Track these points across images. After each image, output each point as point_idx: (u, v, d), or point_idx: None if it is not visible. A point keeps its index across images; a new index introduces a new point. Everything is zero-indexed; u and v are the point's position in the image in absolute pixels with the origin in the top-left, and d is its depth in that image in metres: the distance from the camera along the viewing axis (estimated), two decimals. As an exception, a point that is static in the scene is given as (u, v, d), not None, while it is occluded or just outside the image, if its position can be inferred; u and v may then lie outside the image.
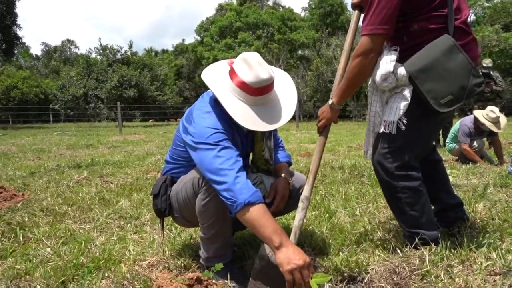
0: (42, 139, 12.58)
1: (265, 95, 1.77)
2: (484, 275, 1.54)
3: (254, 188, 1.63)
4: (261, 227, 1.56)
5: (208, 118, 1.78)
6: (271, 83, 1.77)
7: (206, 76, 1.85)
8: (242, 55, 1.78)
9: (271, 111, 1.80)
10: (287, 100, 1.88)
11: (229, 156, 1.67)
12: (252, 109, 1.75)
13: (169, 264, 2.05)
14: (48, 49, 63.90)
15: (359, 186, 3.83)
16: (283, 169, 2.11)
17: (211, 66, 1.94)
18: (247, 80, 1.71)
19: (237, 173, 1.63)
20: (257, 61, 1.74)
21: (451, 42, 1.76)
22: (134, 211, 3.15)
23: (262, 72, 1.71)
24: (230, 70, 1.80)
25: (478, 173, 4.43)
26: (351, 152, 7.43)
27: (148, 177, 4.66)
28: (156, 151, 8.09)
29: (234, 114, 1.72)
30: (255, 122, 1.74)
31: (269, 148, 2.07)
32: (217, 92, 1.77)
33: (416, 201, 1.92)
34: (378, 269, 1.73)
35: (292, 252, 1.50)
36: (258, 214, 1.57)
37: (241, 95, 1.75)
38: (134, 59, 32.56)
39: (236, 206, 1.58)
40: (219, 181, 1.63)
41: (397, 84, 1.86)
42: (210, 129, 1.72)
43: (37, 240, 2.53)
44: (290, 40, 42.19)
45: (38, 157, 7.28)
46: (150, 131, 17.66)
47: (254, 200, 1.58)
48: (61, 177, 4.75)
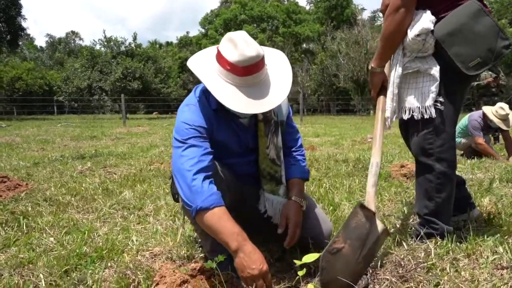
0: (46, 130, 12.61)
1: (255, 75, 1.60)
2: (491, 269, 1.52)
3: (210, 191, 1.54)
4: (217, 233, 1.52)
5: (186, 111, 1.71)
6: (260, 61, 1.60)
7: (192, 62, 1.72)
8: (228, 34, 1.64)
9: (263, 92, 1.64)
10: (281, 79, 1.70)
11: (193, 156, 1.59)
12: (241, 91, 1.60)
13: (172, 255, 2.05)
14: (53, 40, 64.00)
15: (363, 179, 3.81)
16: (294, 188, 1.89)
17: (198, 52, 1.80)
18: (232, 59, 1.57)
19: (195, 175, 1.55)
20: (243, 39, 1.58)
21: (478, 6, 1.78)
22: (138, 202, 3.14)
23: (248, 50, 1.55)
24: (217, 53, 1.66)
25: (484, 167, 4.40)
26: (355, 146, 7.40)
27: (151, 169, 4.66)
28: (160, 143, 8.10)
29: (221, 97, 1.58)
30: (245, 104, 1.58)
31: (276, 145, 1.86)
32: (201, 76, 1.64)
33: (445, 189, 1.92)
34: (383, 262, 1.71)
35: (247, 260, 1.47)
36: (213, 219, 1.51)
37: (228, 77, 1.61)
38: (138, 51, 32.51)
39: (192, 211, 1.54)
40: (179, 182, 1.60)
41: (422, 48, 1.85)
42: (183, 124, 1.67)
43: (40, 229, 2.53)
44: (295, 33, 42.04)
45: (42, 148, 7.30)
46: (154, 123, 17.68)
47: (206, 205, 1.51)
48: (65, 168, 4.76)
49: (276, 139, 1.85)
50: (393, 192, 3.18)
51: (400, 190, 3.26)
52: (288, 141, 1.99)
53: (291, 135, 2.01)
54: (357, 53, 31.77)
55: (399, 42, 1.90)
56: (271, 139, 1.84)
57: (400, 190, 3.24)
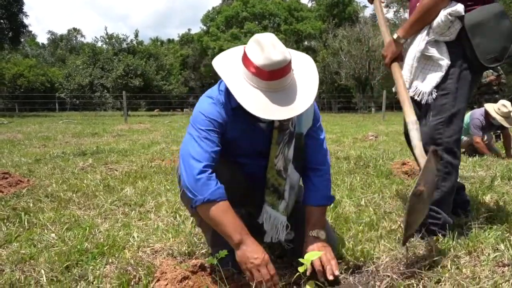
0: (48, 127, 12.62)
1: (280, 80, 1.55)
2: (492, 266, 1.52)
3: (217, 185, 1.57)
4: (221, 224, 1.56)
5: (205, 103, 1.70)
6: (286, 66, 1.54)
7: (217, 62, 1.68)
8: (255, 36, 1.59)
9: (287, 98, 1.57)
10: (306, 85, 1.64)
11: (205, 148, 1.60)
12: (265, 95, 1.55)
13: (173, 251, 2.05)
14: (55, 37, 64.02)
15: (364, 176, 3.81)
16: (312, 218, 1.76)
17: (224, 52, 1.76)
18: (259, 63, 1.52)
19: (204, 167, 1.57)
20: (271, 42, 1.53)
21: (502, 8, 1.96)
22: (139, 198, 3.14)
23: (274, 54, 1.50)
24: (243, 54, 1.61)
25: (485, 165, 4.39)
26: (357, 144, 7.39)
27: (152, 165, 4.66)
28: (161, 140, 8.09)
29: (243, 101, 1.53)
30: (267, 109, 1.53)
31: (285, 156, 1.76)
32: (225, 77, 1.61)
33: (450, 179, 2.00)
34: (384, 259, 1.71)
35: (250, 251, 1.52)
36: (218, 212, 1.55)
37: (253, 80, 1.56)
38: (139, 49, 32.47)
39: (196, 201, 1.56)
40: (185, 168, 1.61)
41: (447, 31, 1.96)
42: (200, 113, 1.67)
43: (41, 225, 2.53)
44: (297, 30, 41.96)
45: (43, 145, 7.30)
46: (155, 120, 17.68)
47: (214, 198, 1.55)
48: (66, 164, 4.76)
49: (287, 150, 1.76)
50: (394, 190, 3.18)
51: (401, 187, 3.25)
52: (310, 157, 1.84)
53: (315, 151, 1.84)
54: (359, 50, 31.70)
55: (432, 19, 1.98)
56: (282, 149, 1.75)
57: (401, 188, 3.24)
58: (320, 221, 1.76)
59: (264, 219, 1.80)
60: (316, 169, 1.83)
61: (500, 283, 1.34)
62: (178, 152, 5.28)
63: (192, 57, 48.07)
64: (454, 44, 1.98)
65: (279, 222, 1.79)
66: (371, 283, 1.53)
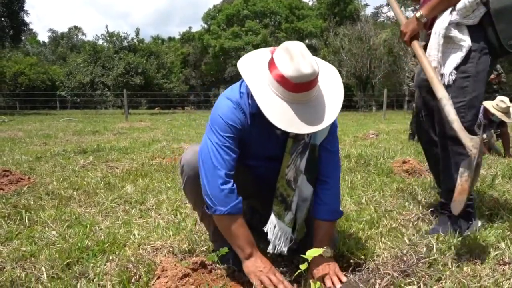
0: (49, 125, 12.63)
1: (307, 92, 1.49)
2: (493, 264, 1.52)
3: (237, 199, 1.60)
4: (235, 236, 1.61)
5: (225, 106, 1.64)
6: (314, 79, 1.48)
7: (242, 64, 1.62)
8: (285, 44, 1.52)
9: (312, 112, 1.52)
10: (331, 98, 1.58)
11: (225, 157, 1.59)
12: (291, 107, 1.49)
13: (174, 249, 2.05)
14: (55, 35, 64.02)
15: (365, 174, 3.81)
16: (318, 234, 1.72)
17: (250, 53, 1.70)
18: (286, 73, 1.45)
19: (226, 177, 1.58)
20: (300, 52, 1.46)
21: None
22: (139, 196, 3.15)
23: (304, 66, 1.43)
24: (270, 60, 1.54)
25: (486, 164, 4.38)
26: (357, 142, 7.38)
27: (153, 163, 4.66)
28: (162, 138, 8.10)
29: (268, 112, 1.47)
30: (292, 122, 1.48)
31: (297, 167, 1.70)
32: (251, 84, 1.54)
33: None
34: (384, 257, 1.71)
35: (259, 261, 1.58)
36: (234, 225, 1.60)
37: (278, 90, 1.49)
38: (140, 47, 32.51)
39: (215, 210, 1.59)
40: (208, 177, 1.61)
41: (471, 14, 1.98)
42: (220, 117, 1.62)
43: (42, 223, 2.53)
44: (298, 29, 41.92)
45: (44, 143, 7.31)
46: (156, 118, 17.68)
47: (234, 212, 1.59)
48: (67, 162, 4.76)
49: (299, 161, 1.70)
50: (395, 188, 3.18)
51: (402, 186, 3.25)
52: (322, 169, 1.76)
53: (326, 162, 1.76)
54: (360, 49, 31.65)
55: (457, 1, 2.00)
56: (294, 160, 1.70)
57: (402, 186, 3.24)
58: (326, 238, 1.71)
59: (269, 228, 1.76)
60: (324, 181, 1.75)
61: (501, 281, 1.34)
62: (179, 150, 5.28)
63: (193, 55, 48.04)
64: (476, 28, 1.99)
65: (284, 233, 1.75)
66: (372, 280, 1.53)
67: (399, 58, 30.68)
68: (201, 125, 12.90)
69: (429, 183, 3.27)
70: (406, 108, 25.78)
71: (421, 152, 5.41)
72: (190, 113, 25.86)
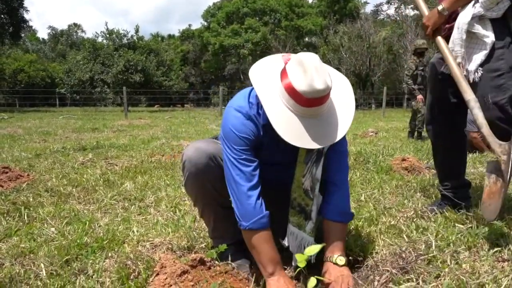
0: (48, 122, 12.63)
1: (318, 107, 1.46)
2: (492, 261, 1.52)
3: (261, 213, 1.57)
4: (259, 252, 1.57)
5: (235, 118, 1.61)
6: (327, 95, 1.45)
7: (254, 73, 1.58)
8: (299, 55, 1.47)
9: (322, 126, 1.49)
10: (342, 111, 1.56)
11: (245, 170, 1.58)
12: (301, 121, 1.46)
13: (173, 246, 2.05)
14: (55, 33, 63.91)
15: (364, 172, 3.81)
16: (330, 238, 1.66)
17: (262, 60, 1.66)
18: (298, 88, 1.41)
19: (249, 191, 1.57)
20: (314, 66, 1.42)
21: None
22: (139, 193, 3.15)
23: (317, 81, 1.39)
24: (283, 71, 1.51)
25: (485, 162, 4.38)
26: (357, 140, 7.38)
27: (152, 160, 4.66)
28: (161, 135, 8.10)
29: (277, 126, 1.45)
30: (300, 137, 1.45)
31: (313, 176, 1.66)
32: (262, 96, 1.51)
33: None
34: (383, 254, 1.71)
35: (282, 282, 1.52)
36: (259, 240, 1.57)
37: (289, 102, 1.46)
38: (140, 44, 32.47)
39: (240, 224, 1.59)
40: (232, 192, 1.61)
41: (495, 7, 1.94)
42: (232, 131, 1.59)
43: (41, 219, 2.53)
44: (297, 26, 41.87)
45: (44, 140, 7.31)
46: (156, 116, 17.68)
47: (256, 227, 1.56)
48: (66, 159, 4.76)
49: (315, 169, 1.66)
50: (394, 185, 3.18)
51: (401, 183, 3.25)
52: (329, 171, 1.71)
53: (335, 163, 1.72)
54: (360, 47, 31.62)
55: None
56: (310, 168, 1.66)
57: (401, 183, 3.23)
58: (339, 243, 1.65)
59: (290, 240, 1.74)
60: (333, 183, 1.71)
61: (500, 278, 1.34)
62: (178, 147, 5.28)
63: (192, 53, 47.98)
64: (499, 22, 1.95)
65: (307, 243, 1.70)
66: (371, 277, 1.53)
67: (398, 56, 30.67)
68: (200, 123, 12.89)
69: (428, 181, 3.27)
70: (405, 106, 25.80)
71: (420, 150, 5.42)
72: (190, 110, 25.84)
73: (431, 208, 2.38)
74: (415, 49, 7.71)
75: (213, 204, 1.80)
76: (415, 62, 7.53)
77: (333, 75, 1.60)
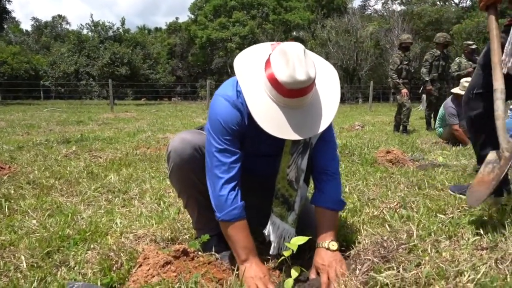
0: (32, 115, 12.43)
1: (300, 98, 1.44)
2: (471, 250, 1.54)
3: (233, 205, 1.56)
4: (233, 241, 1.60)
5: (222, 107, 1.58)
6: (309, 86, 1.42)
7: (239, 62, 1.56)
8: (283, 45, 1.45)
9: (305, 117, 1.48)
10: (326, 104, 1.53)
11: (224, 161, 1.56)
12: (283, 112, 1.45)
13: (156, 237, 2.03)
14: (39, 24, 62.67)
15: (349, 164, 3.83)
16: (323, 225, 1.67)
17: (250, 49, 1.64)
18: (280, 78, 1.40)
19: (223, 184, 1.56)
20: (297, 56, 1.39)
21: None
22: (123, 185, 3.12)
23: (299, 72, 1.37)
24: (267, 61, 1.49)
25: (468, 154, 4.45)
26: (343, 133, 7.43)
27: (137, 153, 4.62)
28: (147, 128, 8.03)
29: (258, 116, 1.44)
30: (281, 127, 1.44)
31: (298, 167, 1.67)
32: (244, 86, 1.49)
33: None
34: (365, 243, 1.73)
35: (254, 268, 1.55)
36: (233, 230, 1.59)
37: (272, 92, 1.45)
38: (126, 37, 32.09)
39: (216, 216, 1.61)
40: (209, 181, 1.62)
41: None
42: (218, 120, 1.56)
43: (22, 212, 2.50)
44: (285, 20, 41.73)
45: (27, 132, 7.20)
46: (142, 109, 17.53)
47: (228, 219, 1.58)
48: (49, 151, 4.69)
49: (301, 160, 1.66)
50: (378, 177, 3.20)
51: (385, 175, 3.28)
52: (320, 160, 1.71)
53: (325, 153, 1.71)
54: (347, 41, 31.71)
55: None
56: (295, 159, 1.66)
57: (385, 175, 3.26)
58: (331, 230, 1.66)
59: (271, 230, 1.73)
60: (324, 172, 1.71)
61: (478, 266, 1.36)
62: (164, 140, 5.25)
63: (179, 46, 47.51)
64: None
65: (288, 234, 1.72)
66: (352, 266, 1.54)
67: (385, 51, 30.82)
68: (187, 116, 12.82)
69: (412, 172, 3.31)
70: (392, 100, 26.01)
71: (405, 143, 5.47)
72: (177, 104, 25.67)
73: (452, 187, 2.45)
74: (400, 43, 7.76)
75: (198, 195, 1.79)
76: (400, 57, 7.57)
77: (320, 65, 1.59)
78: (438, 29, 26.20)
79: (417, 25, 31.32)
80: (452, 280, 1.30)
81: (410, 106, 7.59)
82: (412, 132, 7.60)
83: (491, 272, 1.33)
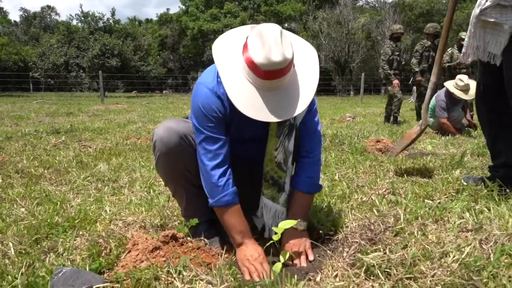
0: (21, 106, 12.30)
1: (277, 80, 1.43)
2: (456, 232, 1.56)
3: (225, 191, 1.59)
4: (227, 226, 1.63)
5: (203, 94, 1.57)
6: (285, 67, 1.41)
7: (217, 45, 1.55)
8: (260, 27, 1.44)
9: (282, 99, 1.46)
10: (305, 84, 1.52)
11: (209, 149, 1.58)
12: (259, 93, 1.44)
13: (145, 224, 2.04)
14: (27, 15, 61.69)
15: (339, 153, 3.85)
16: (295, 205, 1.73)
17: (229, 32, 1.62)
18: (256, 60, 1.39)
19: (212, 170, 1.58)
20: (274, 38, 1.38)
21: None
22: (112, 174, 3.10)
23: (275, 53, 1.36)
24: (245, 43, 1.48)
25: (457, 143, 4.50)
26: (334, 124, 7.46)
27: (128, 143, 4.61)
28: (138, 120, 8.00)
29: (235, 99, 1.44)
30: (258, 110, 1.44)
31: (286, 149, 1.67)
32: (221, 69, 1.48)
33: None
34: (353, 227, 1.74)
35: (249, 250, 1.57)
36: (227, 215, 1.62)
37: (249, 75, 1.44)
38: (116, 28, 31.85)
39: (209, 202, 1.64)
40: (200, 169, 1.64)
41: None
42: (199, 108, 1.56)
43: (11, 200, 2.48)
44: (277, 12, 41.52)
45: (16, 123, 7.13)
46: (133, 101, 17.42)
47: (220, 205, 1.61)
48: (38, 141, 4.66)
49: (287, 142, 1.66)
50: (367, 165, 3.22)
51: (375, 163, 3.30)
52: (303, 142, 1.74)
53: (309, 136, 1.74)
54: (338, 33, 31.69)
55: None
56: (282, 142, 1.65)
57: (375, 164, 3.28)
58: (301, 210, 1.72)
59: (264, 212, 1.75)
60: (306, 155, 1.74)
61: (463, 247, 1.38)
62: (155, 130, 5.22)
63: (170, 38, 47.12)
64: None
65: (280, 214, 1.74)
66: (340, 249, 1.56)
67: (377, 43, 30.89)
68: (178, 108, 12.77)
69: (401, 161, 3.33)
70: (383, 92, 26.10)
71: (395, 133, 5.51)
72: (168, 96, 25.54)
73: (465, 178, 2.52)
74: (392, 33, 7.75)
75: (185, 184, 1.78)
76: (391, 47, 7.58)
77: (298, 46, 1.59)
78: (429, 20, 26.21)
79: (409, 16, 31.41)
80: (437, 260, 1.32)
81: (401, 97, 7.62)
82: (402, 123, 7.65)
83: (475, 252, 1.35)
